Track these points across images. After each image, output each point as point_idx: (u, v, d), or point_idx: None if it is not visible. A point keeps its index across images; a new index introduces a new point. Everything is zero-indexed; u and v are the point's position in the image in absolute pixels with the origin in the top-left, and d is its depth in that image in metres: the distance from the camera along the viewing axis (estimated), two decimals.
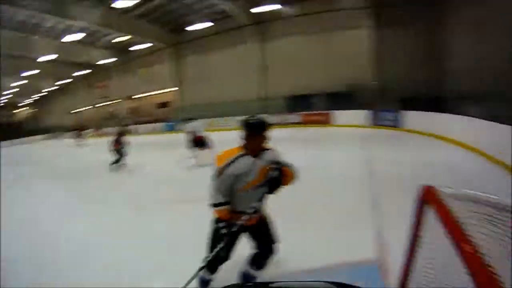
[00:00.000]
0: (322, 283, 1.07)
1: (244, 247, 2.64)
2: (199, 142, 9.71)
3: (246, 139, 2.43)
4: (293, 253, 3.25)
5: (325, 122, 17.69)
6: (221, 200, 2.39)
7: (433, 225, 1.38)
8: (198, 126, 10.14)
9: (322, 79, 18.52)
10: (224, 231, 2.36)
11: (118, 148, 10.03)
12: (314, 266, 3.14)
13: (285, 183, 2.41)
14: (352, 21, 17.76)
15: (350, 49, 17.88)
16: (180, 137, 11.32)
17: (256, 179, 2.43)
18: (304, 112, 19.05)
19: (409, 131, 12.90)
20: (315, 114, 18.54)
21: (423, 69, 14.98)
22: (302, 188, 3.44)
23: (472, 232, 1.08)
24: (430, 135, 11.13)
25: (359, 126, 15.70)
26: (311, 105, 19.15)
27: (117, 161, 10.07)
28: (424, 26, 15.95)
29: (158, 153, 14.24)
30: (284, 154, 2.64)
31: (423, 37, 16.03)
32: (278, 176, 2.35)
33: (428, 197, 1.37)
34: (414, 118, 12.99)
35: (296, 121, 19.21)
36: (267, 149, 2.55)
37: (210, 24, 20.84)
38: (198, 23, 21.14)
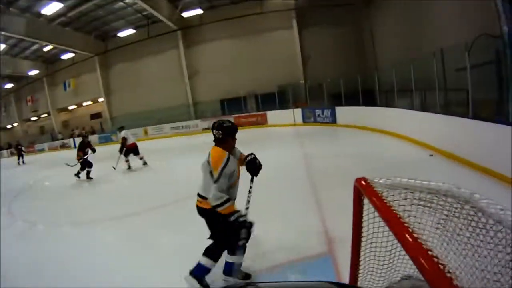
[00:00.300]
0: (322, 283, 1.06)
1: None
2: (131, 150, 10.22)
3: (224, 141, 2.86)
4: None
5: (260, 123, 17.74)
6: (226, 197, 2.72)
7: (371, 216, 1.42)
8: (127, 134, 10.44)
9: (253, 81, 18.86)
10: (242, 218, 2.75)
11: (81, 158, 9.43)
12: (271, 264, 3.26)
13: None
14: (278, 23, 18.38)
15: (278, 50, 18.48)
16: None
17: (238, 173, 2.95)
18: (238, 114, 18.76)
19: (345, 126, 13.08)
20: (250, 116, 18.47)
21: (352, 66, 15.68)
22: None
23: (409, 219, 1.10)
24: (364, 128, 11.45)
25: (294, 125, 15.88)
26: (245, 107, 19.49)
27: (79, 173, 9.75)
28: (349, 25, 16.93)
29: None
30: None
31: (349, 35, 17.07)
32: (258, 160, 2.98)
33: (363, 189, 1.37)
34: (347, 113, 13.18)
35: None
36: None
37: (135, 30, 20.89)
38: (124, 29, 21.11)
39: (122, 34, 21.91)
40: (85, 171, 9.62)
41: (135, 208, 5.91)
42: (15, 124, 32.88)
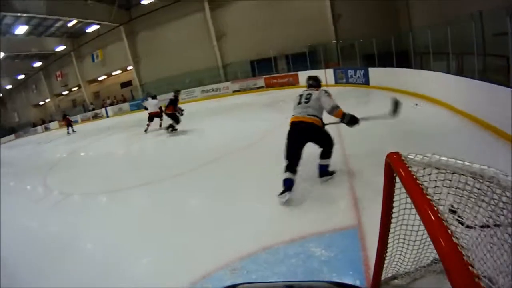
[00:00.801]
0: (322, 283, 1.00)
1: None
2: (155, 116, 11.71)
3: (319, 86, 4.60)
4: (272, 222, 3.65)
5: (292, 83, 17.53)
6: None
7: (404, 196, 1.32)
8: (148, 103, 12.13)
9: (282, 41, 18.58)
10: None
11: (172, 112, 10.48)
12: (293, 237, 3.19)
13: None
14: None
15: (307, 8, 17.93)
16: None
17: None
18: (269, 75, 18.97)
19: (378, 87, 12.49)
20: (281, 76, 18.47)
21: (385, 26, 14.89)
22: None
23: (442, 203, 1.03)
24: (398, 91, 10.65)
25: (326, 85, 15.14)
26: (275, 68, 19.40)
27: (171, 126, 10.70)
28: None
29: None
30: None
31: None
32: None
33: (395, 165, 1.24)
34: (380, 75, 12.63)
35: (261, 85, 19.17)
36: None
37: None
38: None
39: (145, 1, 21.91)
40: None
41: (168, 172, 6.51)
42: (47, 100, 34.17)
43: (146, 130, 12.01)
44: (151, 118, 11.82)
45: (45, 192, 7.34)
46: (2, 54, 23.61)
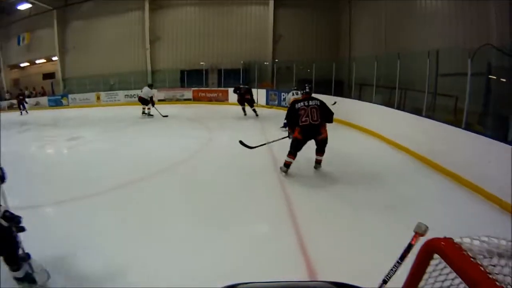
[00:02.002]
0: (322, 283, 1.04)
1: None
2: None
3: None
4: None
5: (220, 99, 16.79)
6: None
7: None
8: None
9: (217, 55, 17.93)
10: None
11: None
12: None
13: None
14: None
15: (249, 25, 17.55)
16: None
17: None
18: (198, 88, 17.99)
19: None
20: (210, 91, 17.60)
21: (325, 53, 15.38)
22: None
23: None
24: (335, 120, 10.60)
25: (257, 106, 14.25)
26: (206, 82, 18.36)
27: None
28: (327, 11, 16.25)
29: None
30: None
31: (328, 20, 16.37)
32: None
33: (449, 255, 0.89)
34: None
35: (188, 97, 18.08)
36: None
37: None
38: None
39: None
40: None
41: None
42: None
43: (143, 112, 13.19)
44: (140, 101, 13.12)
45: None
46: None
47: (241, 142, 6.12)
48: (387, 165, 6.13)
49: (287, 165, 5.29)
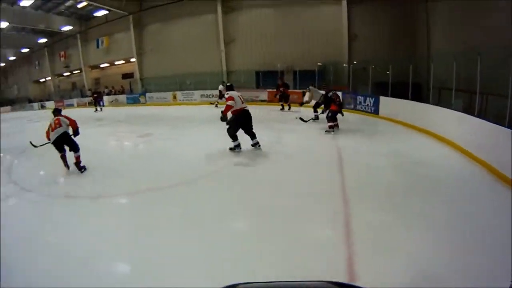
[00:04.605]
0: (321, 282, 1.02)
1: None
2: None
3: None
4: None
5: (296, 101, 15.65)
6: None
7: None
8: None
9: (292, 56, 18.12)
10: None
11: None
12: None
13: None
14: None
15: (322, 25, 17.60)
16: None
17: None
18: (273, 89, 17.22)
19: (386, 119, 11.69)
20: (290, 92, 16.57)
21: (403, 53, 14.20)
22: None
23: None
24: (408, 126, 10.17)
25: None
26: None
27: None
28: (405, 5, 15.37)
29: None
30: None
31: (403, 18, 15.54)
32: None
33: None
34: (392, 105, 11.67)
35: (263, 99, 18.05)
36: None
37: None
38: None
39: None
40: None
41: None
42: (48, 78, 33.76)
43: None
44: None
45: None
46: (6, 24, 23.31)
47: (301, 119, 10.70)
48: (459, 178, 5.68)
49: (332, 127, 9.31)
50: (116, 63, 27.58)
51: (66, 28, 27.03)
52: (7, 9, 21.79)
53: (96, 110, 21.26)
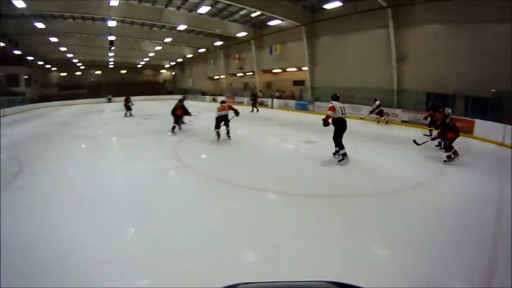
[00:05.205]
0: (321, 282, 1.13)
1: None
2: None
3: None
4: None
5: (465, 131, 15.22)
6: None
7: None
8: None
9: (463, 79, 18.02)
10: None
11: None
12: None
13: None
14: (497, 12, 16.68)
15: (497, 47, 16.88)
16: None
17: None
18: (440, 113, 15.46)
19: None
20: (455, 119, 14.12)
21: None
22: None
23: None
24: None
25: (502, 145, 13.84)
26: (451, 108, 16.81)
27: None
28: None
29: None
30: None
31: None
32: None
33: None
34: None
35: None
36: None
37: (342, 3, 23.08)
38: (332, 1, 23.28)
39: (328, 6, 24.38)
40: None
41: None
42: (222, 76, 44.03)
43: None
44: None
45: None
46: (185, 27, 32.35)
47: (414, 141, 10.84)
48: None
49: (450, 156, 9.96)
50: (288, 70, 34.49)
51: (241, 34, 34.75)
52: (185, 14, 30.83)
53: (252, 110, 27.61)
